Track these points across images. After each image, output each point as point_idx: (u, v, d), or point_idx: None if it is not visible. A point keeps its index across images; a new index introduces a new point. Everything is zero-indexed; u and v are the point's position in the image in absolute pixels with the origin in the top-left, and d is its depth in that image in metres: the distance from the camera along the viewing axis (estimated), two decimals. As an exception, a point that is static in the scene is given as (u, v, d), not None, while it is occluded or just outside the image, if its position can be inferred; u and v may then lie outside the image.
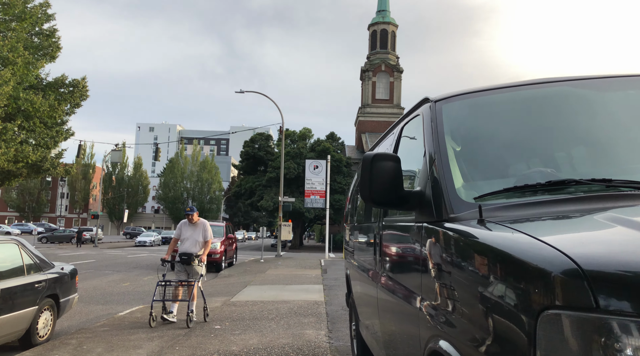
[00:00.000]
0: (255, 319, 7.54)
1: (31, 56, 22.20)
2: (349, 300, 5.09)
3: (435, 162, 2.01)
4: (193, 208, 7.50)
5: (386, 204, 2.07)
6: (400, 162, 2.07)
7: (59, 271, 6.53)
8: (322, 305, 9.07)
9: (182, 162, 76.65)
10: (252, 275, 15.12)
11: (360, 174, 2.04)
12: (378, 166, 2.01)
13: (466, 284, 1.54)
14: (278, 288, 11.62)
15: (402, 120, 3.00)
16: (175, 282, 7.06)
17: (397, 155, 2.08)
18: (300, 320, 7.45)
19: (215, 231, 19.07)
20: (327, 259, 24.97)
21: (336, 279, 14.16)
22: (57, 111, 24.06)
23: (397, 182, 2.02)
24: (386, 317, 2.66)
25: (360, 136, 51.91)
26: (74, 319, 7.86)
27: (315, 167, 28.16)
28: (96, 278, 13.86)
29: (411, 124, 2.67)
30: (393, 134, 3.20)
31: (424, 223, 2.00)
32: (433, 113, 2.25)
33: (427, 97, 2.42)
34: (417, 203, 2.05)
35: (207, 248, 7.46)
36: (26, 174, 24.63)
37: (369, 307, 3.35)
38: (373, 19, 54.77)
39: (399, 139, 2.88)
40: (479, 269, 1.46)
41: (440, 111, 2.23)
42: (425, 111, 2.35)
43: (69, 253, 26.35)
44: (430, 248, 1.88)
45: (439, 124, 2.15)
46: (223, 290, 11.44)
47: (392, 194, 2.02)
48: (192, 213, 7.39)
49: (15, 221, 77.03)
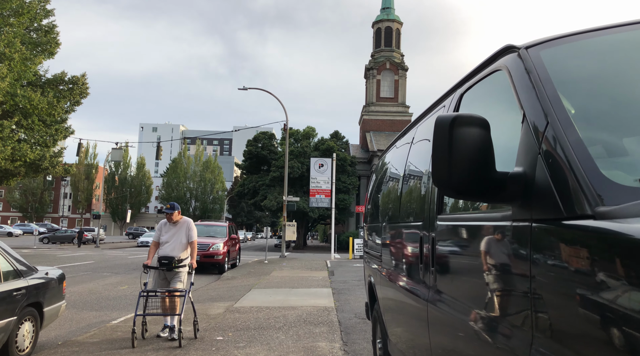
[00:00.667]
0: (261, 328, 6.85)
1: (28, 52, 21.60)
2: (371, 312, 4.39)
3: (548, 129, 1.32)
4: (174, 205, 6.38)
5: (471, 193, 1.38)
6: (490, 128, 1.38)
7: (43, 276, 5.85)
8: (333, 311, 8.38)
9: (185, 162, 76.17)
10: (256, 277, 14.45)
11: (435, 146, 1.35)
12: (461, 134, 1.34)
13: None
14: (284, 292, 10.94)
15: (457, 87, 2.31)
16: (161, 292, 6.04)
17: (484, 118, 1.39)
18: (311, 330, 6.76)
19: (218, 232, 18.46)
20: (332, 260, 24.28)
21: (345, 282, 13.47)
22: (56, 109, 23.47)
23: (488, 159, 1.34)
24: (448, 350, 1.97)
25: (365, 135, 51.17)
26: (62, 328, 7.19)
27: (320, 165, 27.47)
28: (93, 281, 13.21)
29: (480, 87, 1.98)
30: (442, 108, 2.50)
31: (533, 223, 1.30)
32: (528, 63, 1.56)
33: (510, 44, 1.73)
34: (519, 191, 1.36)
35: (194, 250, 6.34)
36: (24, 173, 24.05)
37: (410, 329, 2.66)
38: (377, 16, 54.02)
39: (458, 110, 2.18)
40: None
41: (540, 60, 1.54)
42: (512, 64, 1.66)
43: (69, 253, 25.75)
44: (554, 264, 1.19)
45: (544, 76, 1.46)
46: (226, 294, 10.77)
47: (481, 178, 1.33)
48: (172, 212, 6.31)
49: (18, 222, 76.74)
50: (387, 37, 52.83)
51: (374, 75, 51.95)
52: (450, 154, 1.33)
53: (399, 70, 52.06)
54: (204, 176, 76.24)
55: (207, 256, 16.38)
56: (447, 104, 2.42)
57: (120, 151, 27.77)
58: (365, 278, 4.93)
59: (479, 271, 1.69)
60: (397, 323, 3.07)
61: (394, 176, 3.60)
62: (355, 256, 26.96)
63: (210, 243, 16.68)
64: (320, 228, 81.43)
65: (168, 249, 6.22)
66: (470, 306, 1.74)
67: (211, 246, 16.56)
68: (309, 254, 31.55)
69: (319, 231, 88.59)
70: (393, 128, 49.57)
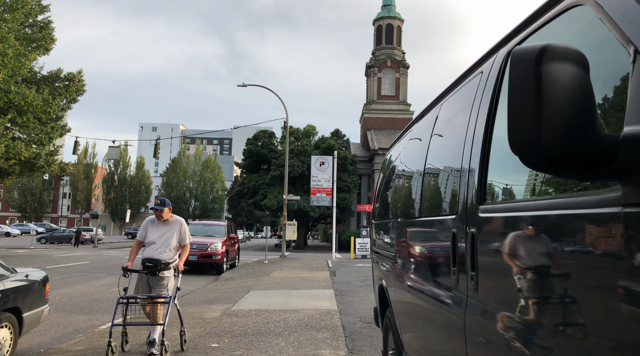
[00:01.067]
0: (259, 334, 6.39)
1: (22, 48, 21.11)
2: (381, 319, 3.92)
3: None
4: (164, 200, 5.50)
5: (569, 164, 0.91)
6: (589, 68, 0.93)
7: (22, 279, 5.39)
8: (336, 314, 7.92)
9: (184, 161, 75.73)
10: (255, 278, 13.99)
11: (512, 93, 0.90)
12: (554, 74, 0.88)
13: None
14: (284, 294, 10.47)
15: (502, 45, 1.85)
16: (142, 299, 5.21)
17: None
18: (313, 336, 6.30)
19: (217, 231, 17.98)
20: (334, 260, 23.83)
21: (347, 282, 13.02)
22: (52, 106, 22.96)
23: (592, 113, 0.89)
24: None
25: (366, 134, 50.67)
26: (47, 333, 6.73)
27: (321, 163, 26.99)
28: (85, 282, 12.75)
29: (539, 37, 1.51)
30: (479, 75, 2.03)
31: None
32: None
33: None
34: (636, 161, 0.89)
35: (186, 253, 5.57)
36: (19, 172, 23.56)
37: (436, 342, 2.20)
38: (378, 13, 53.49)
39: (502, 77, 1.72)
40: None
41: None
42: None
43: (65, 253, 25.29)
44: None
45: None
46: (224, 296, 10.31)
47: (583, 142, 0.88)
48: (162, 208, 5.45)
49: (16, 222, 76.32)
50: (388, 35, 52.33)
51: (375, 73, 51.45)
52: (538, 103, 0.87)
53: (400, 68, 51.56)
54: (203, 175, 75.80)
55: (205, 256, 15.93)
56: (486, 69, 1.95)
57: (117, 149, 27.27)
58: (374, 280, 4.46)
59: (555, 280, 1.22)
60: (417, 333, 2.61)
61: (409, 166, 3.14)
62: (357, 255, 26.52)
63: (209, 243, 16.22)
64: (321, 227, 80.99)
65: (154, 251, 5.42)
66: (539, 323, 1.28)
67: (209, 246, 16.10)
68: (310, 254, 31.09)
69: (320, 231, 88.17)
70: (394, 126, 49.09)
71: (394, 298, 3.21)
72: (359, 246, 26.90)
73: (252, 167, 44.97)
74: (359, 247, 26.89)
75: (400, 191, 3.29)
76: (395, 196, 3.49)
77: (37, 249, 29.82)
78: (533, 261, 1.34)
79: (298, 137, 43.68)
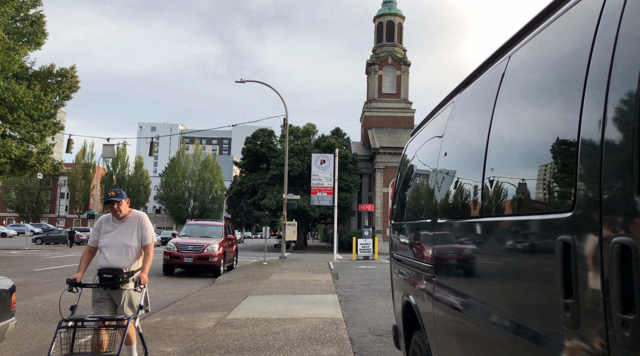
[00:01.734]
0: (257, 349, 5.65)
1: (12, 41, 20.35)
2: (405, 343, 3.16)
3: None
4: (120, 192, 4.36)
5: None
6: None
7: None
8: (342, 324, 7.17)
9: (183, 161, 75.05)
10: (254, 281, 13.25)
11: None
12: None
13: None
14: (285, 299, 9.73)
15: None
16: (92, 322, 3.93)
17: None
18: (318, 351, 5.55)
19: (214, 232, 17.19)
20: (335, 261, 23.10)
21: (351, 286, 12.27)
22: (44, 103, 22.20)
23: None
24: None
25: (367, 132, 49.90)
26: (19, 348, 5.99)
27: (322, 161, 26.25)
28: (74, 287, 11.98)
29: None
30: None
31: None
32: None
33: None
34: None
35: (149, 258, 4.33)
36: (9, 171, 22.80)
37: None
38: (379, 10, 52.71)
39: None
40: None
41: None
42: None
43: (58, 255, 24.54)
44: None
45: None
46: (219, 302, 9.57)
47: None
48: (119, 200, 4.32)
49: (14, 222, 75.60)
50: (389, 32, 51.56)
51: (376, 70, 50.67)
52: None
53: (402, 65, 50.78)
54: (202, 175, 75.13)
55: (201, 258, 15.18)
56: None
57: (112, 148, 26.50)
58: (393, 292, 3.71)
59: None
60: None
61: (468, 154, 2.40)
62: (359, 257, 25.80)
63: (205, 244, 15.48)
64: (321, 227, 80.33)
65: (112, 258, 4.24)
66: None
67: (205, 247, 15.35)
68: (310, 255, 30.35)
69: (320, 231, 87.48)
70: (395, 125, 48.35)
71: (430, 323, 2.45)
72: (361, 247, 26.18)
73: (251, 166, 44.25)
74: (361, 248, 26.17)
75: (441, 183, 2.53)
76: (427, 192, 2.75)
77: (31, 250, 29.07)
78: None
79: (298, 136, 42.95)
